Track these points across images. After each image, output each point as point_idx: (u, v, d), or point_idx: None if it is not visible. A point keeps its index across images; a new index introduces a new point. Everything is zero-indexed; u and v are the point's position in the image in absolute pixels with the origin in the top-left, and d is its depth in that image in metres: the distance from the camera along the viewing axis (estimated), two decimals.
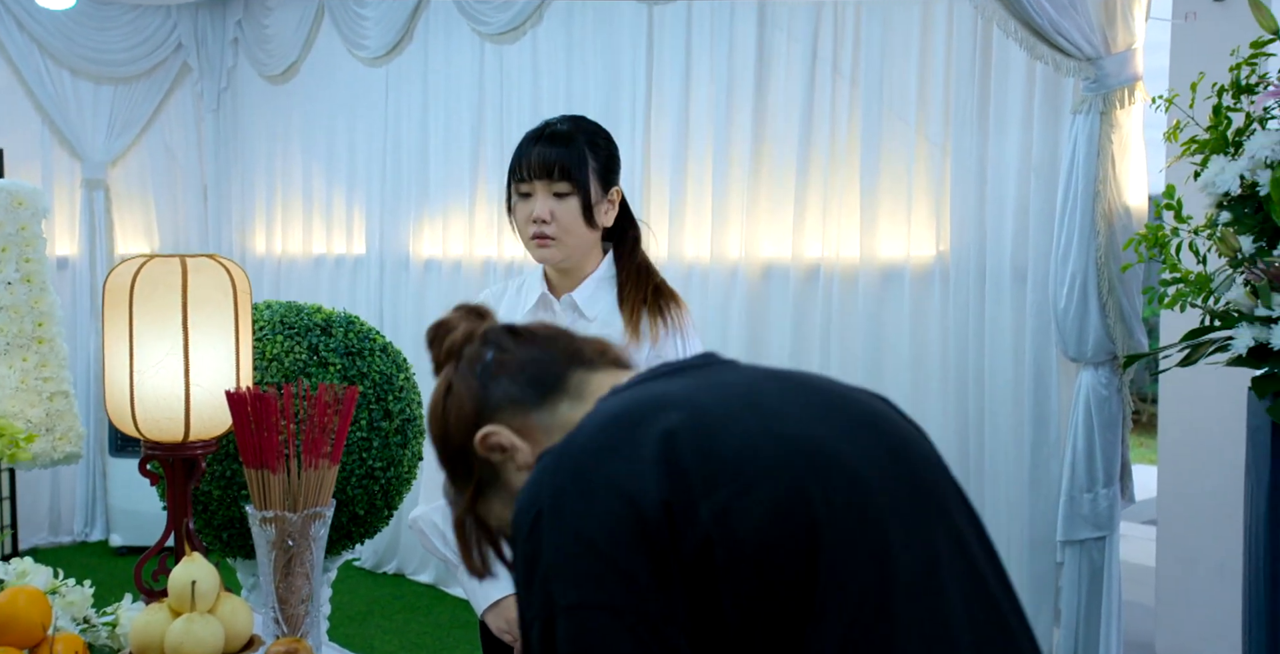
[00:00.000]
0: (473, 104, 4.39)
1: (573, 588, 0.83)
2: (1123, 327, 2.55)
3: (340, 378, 2.20)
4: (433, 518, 1.90)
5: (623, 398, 0.97)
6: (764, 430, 0.90)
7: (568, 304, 1.96)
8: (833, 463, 0.89)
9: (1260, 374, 1.77)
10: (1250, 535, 1.89)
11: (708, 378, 1.00)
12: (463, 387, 1.06)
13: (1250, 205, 1.85)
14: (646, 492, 0.85)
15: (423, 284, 4.62)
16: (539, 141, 1.91)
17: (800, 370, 1.05)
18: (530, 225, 1.90)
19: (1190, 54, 2.58)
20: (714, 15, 3.55)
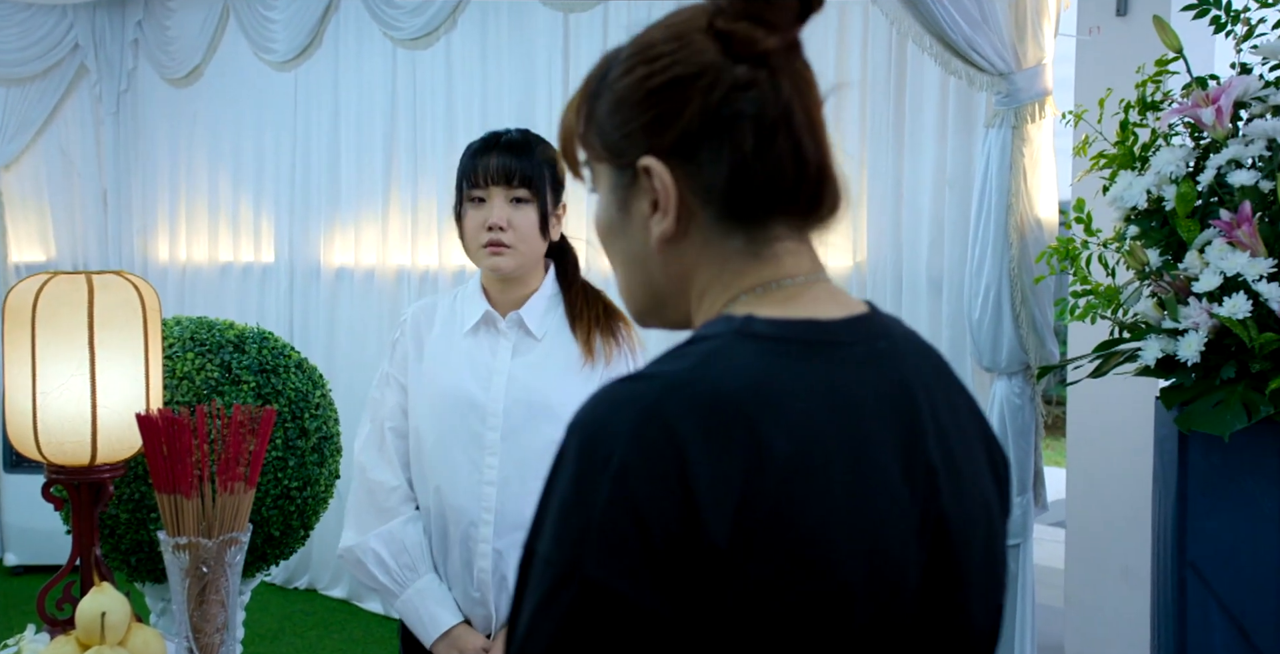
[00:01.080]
0: (385, 110, 4.34)
1: (606, 563, 0.76)
2: (1035, 337, 2.62)
3: (254, 396, 2.17)
4: (371, 546, 1.88)
5: (756, 371, 0.81)
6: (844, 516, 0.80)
7: (514, 322, 1.92)
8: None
9: (1168, 385, 1.83)
10: (1159, 541, 1.95)
11: (847, 380, 0.85)
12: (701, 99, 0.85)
13: (1157, 219, 1.91)
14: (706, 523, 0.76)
15: (334, 293, 4.56)
16: (495, 148, 1.89)
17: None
18: (484, 232, 1.86)
19: (1094, 68, 2.66)
20: (631, 24, 3.55)
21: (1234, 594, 1.72)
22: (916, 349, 0.92)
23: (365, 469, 1.94)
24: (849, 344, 0.87)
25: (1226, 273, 1.68)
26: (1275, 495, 1.69)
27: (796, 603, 0.78)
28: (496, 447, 1.88)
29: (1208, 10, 1.94)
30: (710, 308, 0.91)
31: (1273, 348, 1.63)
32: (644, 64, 0.87)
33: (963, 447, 0.90)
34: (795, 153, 0.86)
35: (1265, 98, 1.83)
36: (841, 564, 0.79)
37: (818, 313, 0.88)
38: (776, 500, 0.78)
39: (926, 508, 0.84)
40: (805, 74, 0.88)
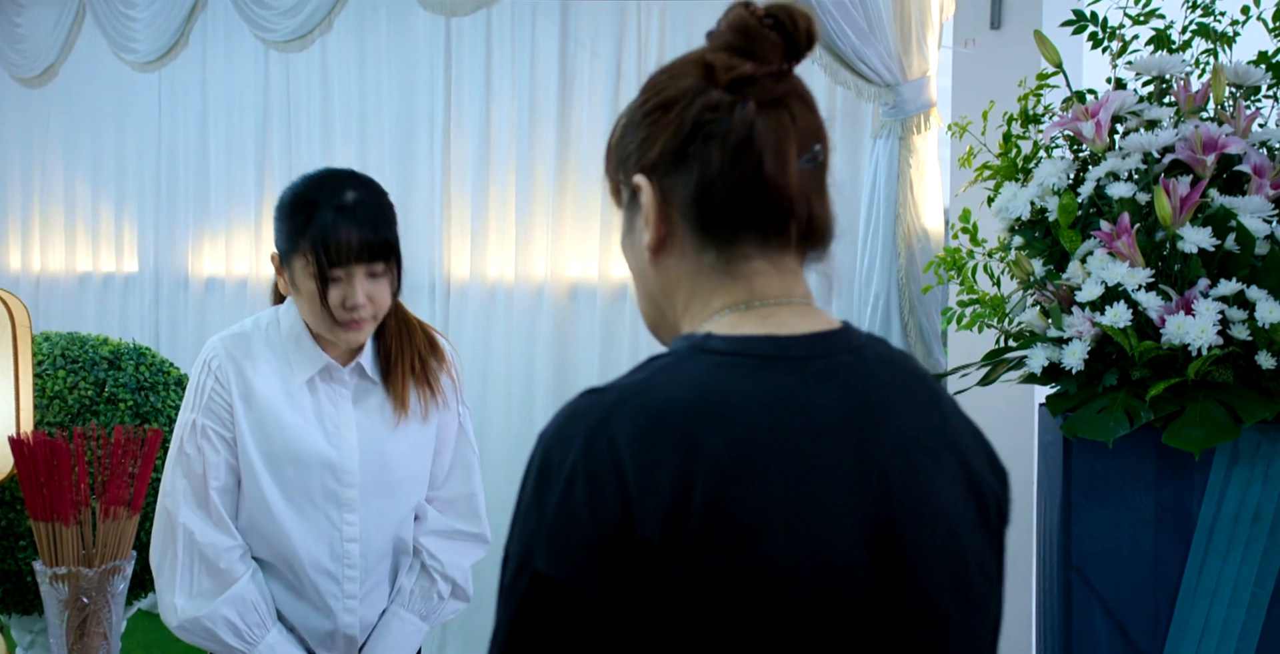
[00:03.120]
0: (257, 114, 4.26)
1: (553, 559, 0.87)
2: (923, 346, 2.70)
3: (132, 416, 2.11)
4: (223, 614, 1.79)
5: (707, 386, 0.90)
6: (791, 520, 0.87)
7: (355, 372, 1.88)
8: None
9: (1053, 392, 1.91)
10: (1044, 546, 2.03)
11: (800, 391, 0.92)
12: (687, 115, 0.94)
13: (1040, 230, 1.99)
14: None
15: (203, 304, 4.45)
16: (350, 219, 1.74)
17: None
18: (344, 312, 1.76)
19: (969, 80, 2.76)
20: (515, 30, 3.57)
21: (1116, 597, 1.80)
22: (887, 365, 0.99)
23: (192, 532, 1.79)
24: (805, 358, 0.94)
25: (1108, 282, 1.76)
26: (1152, 499, 1.78)
27: (736, 593, 0.85)
28: (355, 503, 1.85)
29: (1085, 27, 2.04)
30: (691, 324, 0.99)
31: (1152, 355, 1.71)
32: (645, 92, 0.99)
33: (927, 458, 0.96)
34: (756, 172, 0.93)
35: (1140, 112, 1.92)
36: (782, 559, 0.86)
37: (779, 330, 0.95)
38: (713, 501, 0.86)
39: (877, 511, 0.91)
40: (791, 103, 0.96)
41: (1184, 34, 1.99)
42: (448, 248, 3.74)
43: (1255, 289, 1.68)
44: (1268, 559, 1.70)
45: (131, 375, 2.18)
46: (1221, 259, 1.74)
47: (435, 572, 1.95)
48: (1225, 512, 1.73)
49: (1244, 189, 1.79)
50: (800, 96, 0.97)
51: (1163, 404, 1.71)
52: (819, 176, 0.98)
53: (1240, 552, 1.71)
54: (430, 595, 1.95)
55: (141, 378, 2.18)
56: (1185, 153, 1.81)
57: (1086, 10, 2.02)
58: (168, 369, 2.26)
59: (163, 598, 1.80)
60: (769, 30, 0.94)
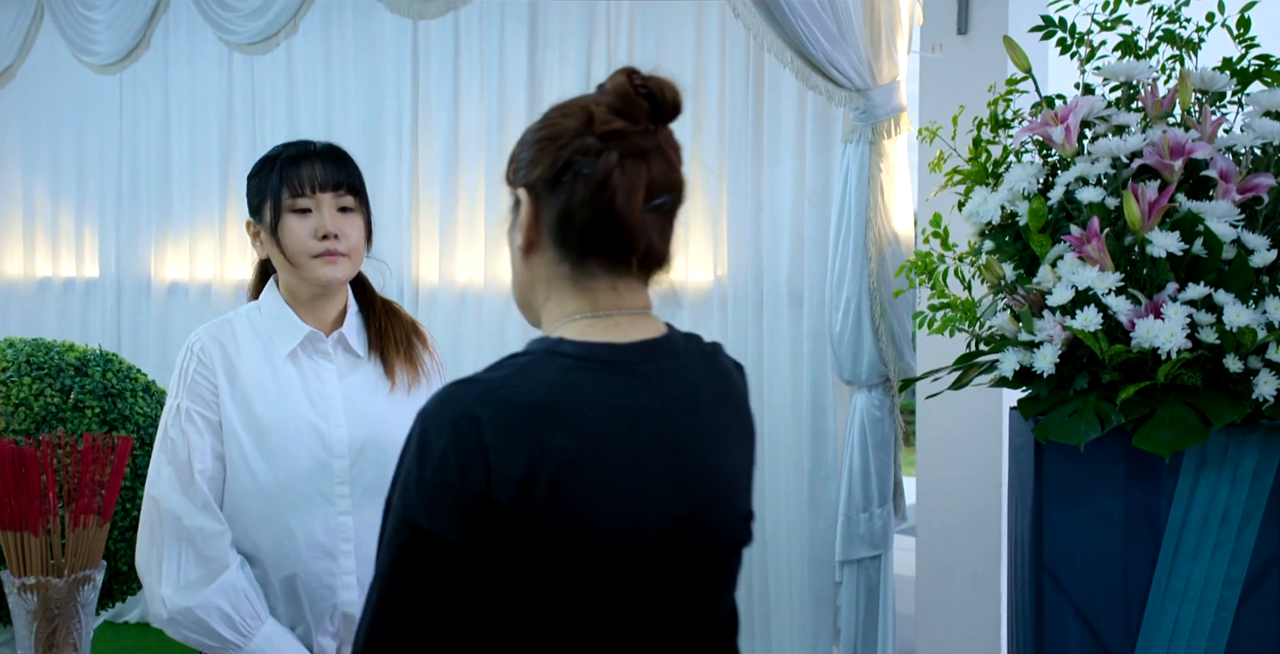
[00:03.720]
0: (221, 117, 4.24)
1: (431, 514, 1.13)
2: (894, 350, 2.73)
3: (99, 423, 2.10)
4: (215, 603, 1.77)
5: (554, 385, 1.16)
6: (622, 498, 1.16)
7: (336, 341, 1.91)
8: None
9: (1024, 396, 1.93)
10: (1015, 549, 2.06)
11: (629, 391, 1.19)
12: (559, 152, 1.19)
13: (1010, 234, 2.01)
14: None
15: (166, 310, 4.42)
16: (314, 156, 1.87)
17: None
18: (315, 241, 1.83)
19: (936, 85, 2.79)
20: (483, 34, 3.57)
21: (1088, 599, 1.82)
22: (703, 366, 1.29)
23: (179, 517, 1.79)
24: (636, 363, 1.21)
25: (1078, 286, 1.79)
26: (1122, 501, 1.80)
27: (570, 550, 1.14)
28: (346, 474, 1.86)
29: (1054, 32, 2.06)
30: (549, 323, 1.24)
31: (1122, 359, 1.74)
32: (543, 119, 1.23)
33: (723, 443, 1.28)
34: (608, 209, 1.17)
35: (1108, 117, 1.95)
36: (606, 526, 1.15)
37: (618, 338, 1.21)
38: (555, 480, 1.12)
39: (686, 491, 1.21)
40: (651, 157, 1.18)
41: (1151, 40, 2.02)
42: (416, 252, 3.73)
43: (1223, 293, 1.71)
44: (1236, 561, 1.73)
45: (99, 382, 2.16)
46: (1189, 263, 1.76)
47: None
48: (1194, 514, 1.75)
49: (1210, 194, 1.82)
50: (663, 153, 1.19)
51: (1133, 407, 1.73)
52: (666, 219, 1.22)
53: (1209, 553, 1.74)
54: None
55: (109, 384, 2.17)
56: (1153, 158, 1.83)
57: (1055, 16, 2.05)
58: (135, 375, 2.25)
59: (150, 593, 1.79)
60: (641, 97, 1.17)
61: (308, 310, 1.91)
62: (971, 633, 2.84)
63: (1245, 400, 1.71)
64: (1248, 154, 1.87)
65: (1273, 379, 1.69)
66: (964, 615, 2.85)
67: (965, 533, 2.83)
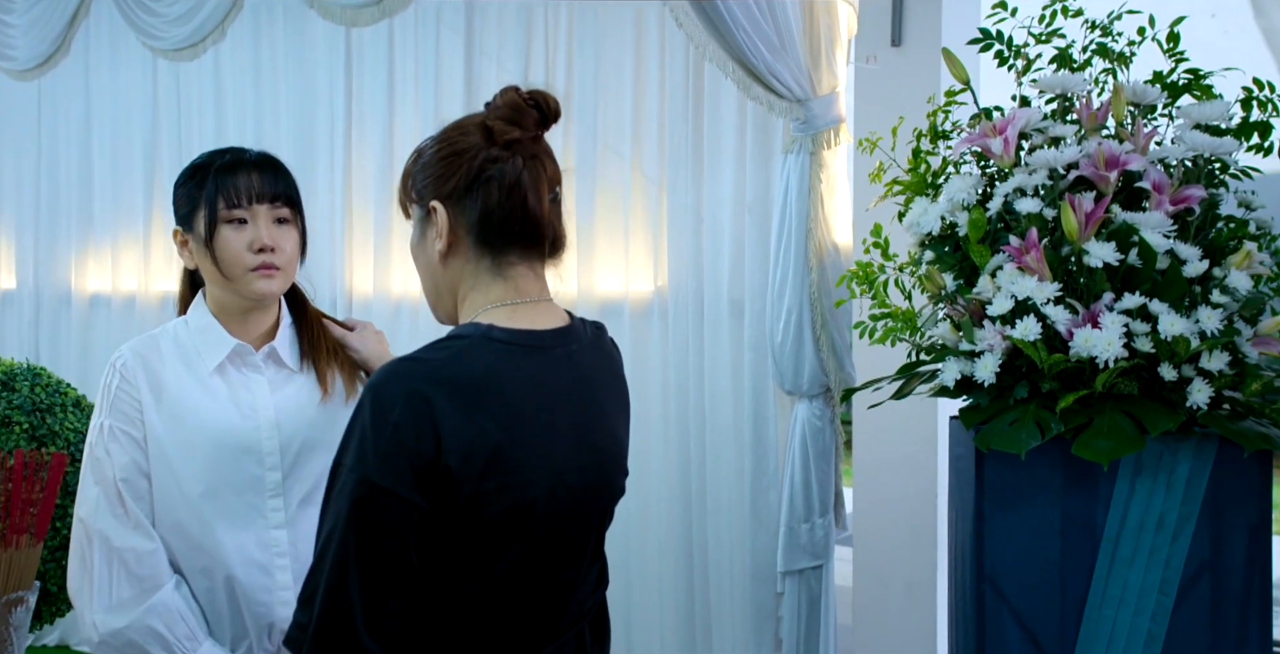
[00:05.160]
0: (145, 125, 4.18)
1: (385, 473, 1.35)
2: (835, 360, 2.77)
3: (27, 439, 2.06)
4: (148, 624, 1.75)
5: (478, 368, 1.40)
6: (538, 471, 1.44)
7: (267, 356, 1.90)
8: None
9: (966, 405, 1.97)
10: (956, 558, 2.09)
11: (547, 372, 1.46)
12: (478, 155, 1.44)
13: (950, 245, 2.05)
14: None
15: (88, 323, 4.35)
16: (249, 165, 1.85)
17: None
18: (251, 254, 1.81)
19: (871, 97, 2.83)
20: (418, 42, 3.56)
21: (1027, 606, 1.86)
22: (597, 352, 1.56)
23: (109, 538, 1.78)
24: (552, 348, 1.47)
25: (1017, 296, 1.83)
26: (1061, 509, 1.84)
27: (505, 506, 1.39)
28: (279, 487, 1.85)
29: (991, 45, 2.11)
30: (468, 313, 1.47)
31: (1061, 368, 1.78)
32: (439, 141, 1.49)
33: (612, 412, 1.57)
34: (523, 205, 1.44)
35: (1045, 129, 2.00)
36: (531, 485, 1.41)
37: (537, 325, 1.47)
38: (494, 449, 1.38)
39: (592, 456, 1.51)
40: (543, 157, 1.47)
41: (1085, 53, 2.07)
42: (349, 262, 3.71)
43: (1157, 302, 1.76)
44: (1170, 566, 1.78)
45: (26, 397, 2.13)
46: (1125, 273, 1.81)
47: None
48: (1130, 520, 1.80)
49: (1144, 205, 1.87)
50: (548, 153, 1.49)
51: (1072, 416, 1.77)
52: (558, 208, 1.50)
53: (1145, 559, 1.79)
54: None
55: (37, 399, 2.14)
56: (1089, 169, 1.88)
57: (992, 29, 2.10)
58: (64, 390, 2.22)
59: (81, 616, 1.77)
60: (530, 108, 1.45)
61: (238, 323, 1.89)
62: (909, 642, 2.88)
63: (1180, 408, 1.76)
64: (1179, 166, 1.93)
65: (1205, 387, 1.75)
66: (901, 625, 2.89)
67: (902, 543, 2.87)
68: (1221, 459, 1.78)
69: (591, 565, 1.58)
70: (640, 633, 3.17)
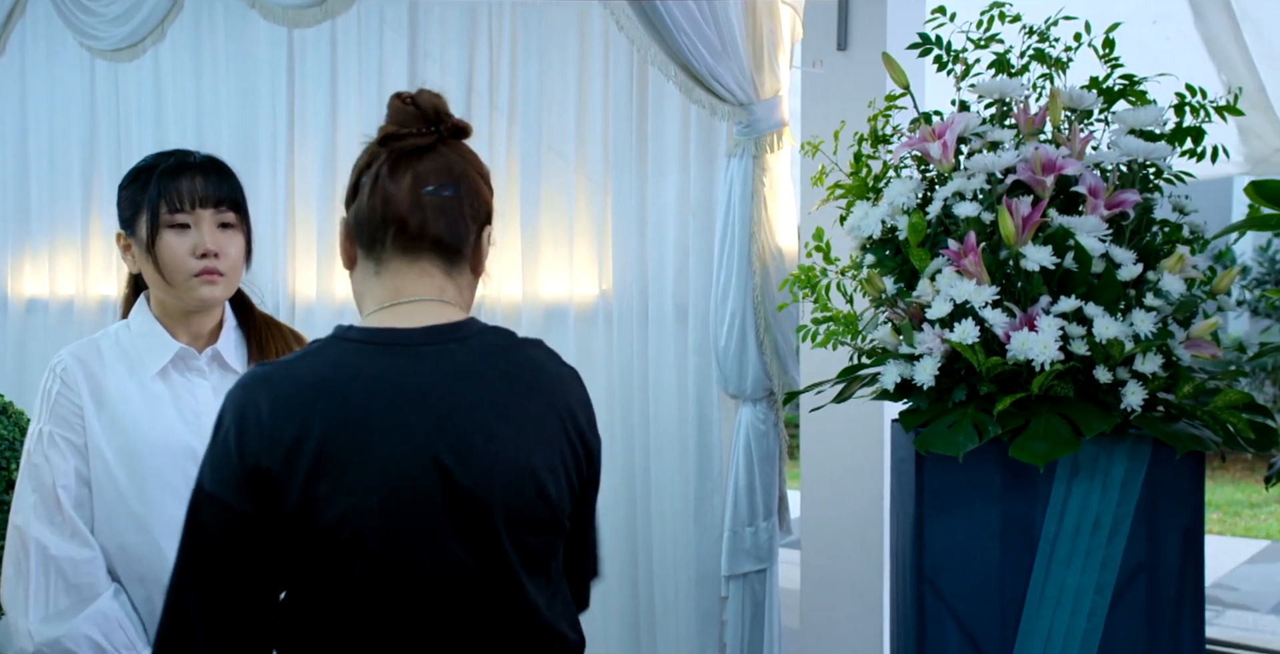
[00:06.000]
0: (84, 127, 4.12)
1: (216, 482, 1.35)
2: (779, 363, 2.77)
3: None
4: (84, 632, 1.72)
5: (327, 367, 1.36)
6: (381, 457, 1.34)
7: (211, 358, 1.89)
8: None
9: (905, 408, 1.98)
10: (898, 561, 2.10)
11: (405, 369, 1.37)
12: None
13: (891, 248, 2.07)
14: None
15: (24, 327, 4.28)
16: (194, 169, 1.83)
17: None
18: (194, 259, 1.80)
19: (817, 100, 2.85)
20: (361, 43, 3.53)
21: (967, 608, 1.88)
22: (494, 353, 1.44)
23: (46, 546, 1.76)
24: (417, 345, 1.38)
25: (956, 300, 1.84)
26: (998, 511, 1.86)
27: (339, 512, 1.31)
28: None
29: (930, 50, 2.13)
30: (364, 318, 1.43)
31: (998, 371, 1.79)
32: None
33: (510, 424, 1.39)
34: (385, 202, 1.40)
35: (983, 133, 2.02)
36: (369, 492, 1.31)
37: (404, 324, 1.40)
38: (320, 449, 1.31)
39: (455, 462, 1.35)
40: (428, 153, 1.42)
41: (1022, 59, 2.09)
42: (292, 266, 3.68)
43: (1092, 306, 1.78)
44: (1106, 567, 1.79)
45: None
46: (1061, 277, 1.83)
47: None
48: (1067, 522, 1.82)
49: (1080, 209, 1.89)
50: (443, 151, 1.43)
51: (1009, 418, 1.79)
52: (449, 204, 1.42)
53: (1081, 560, 1.80)
54: None
55: None
56: (1026, 173, 1.90)
57: (932, 34, 2.11)
58: None
59: (16, 626, 1.73)
60: (409, 106, 1.42)
61: (181, 327, 1.87)
62: (856, 645, 2.89)
63: (1114, 411, 1.77)
64: (1114, 171, 1.95)
65: (1140, 390, 1.76)
66: (848, 627, 2.90)
67: (849, 545, 2.88)
68: (1156, 461, 1.80)
69: (498, 591, 1.40)
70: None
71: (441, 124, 1.44)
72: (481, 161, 1.52)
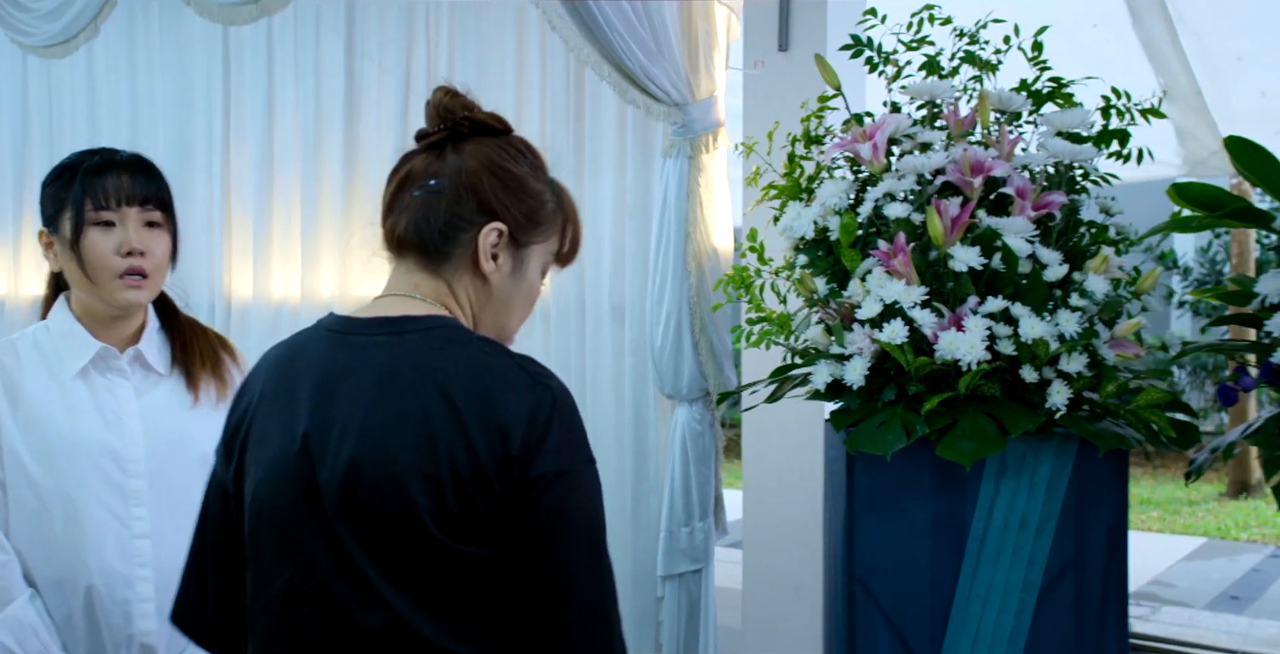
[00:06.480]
0: (15, 124, 4.05)
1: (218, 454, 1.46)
2: (714, 364, 2.77)
3: None
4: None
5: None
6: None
7: (132, 359, 1.85)
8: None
9: (836, 408, 1.99)
10: (829, 559, 2.11)
11: (327, 355, 1.38)
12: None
13: (823, 249, 2.07)
14: None
15: None
16: (119, 167, 1.80)
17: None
18: (118, 258, 1.77)
19: (760, 101, 2.86)
20: (298, 41, 3.50)
21: (896, 607, 1.88)
22: (420, 349, 1.33)
23: None
24: (353, 334, 1.37)
25: (885, 300, 1.85)
26: (929, 510, 1.86)
27: (250, 480, 1.37)
28: (143, 495, 1.80)
29: (861, 51, 2.13)
30: None
31: (927, 371, 1.80)
32: None
33: (392, 419, 1.30)
34: (385, 215, 1.44)
35: (914, 135, 2.03)
36: (258, 473, 1.36)
37: (363, 314, 1.39)
38: (251, 420, 1.40)
39: (315, 446, 1.33)
40: (422, 152, 1.42)
41: (953, 61, 2.10)
42: (228, 265, 3.63)
43: (1019, 306, 1.79)
44: (1033, 565, 1.81)
45: None
46: (989, 277, 1.84)
47: None
48: (995, 520, 1.83)
49: (1008, 210, 1.91)
50: (468, 143, 1.43)
51: (937, 418, 1.79)
52: (430, 203, 1.39)
53: (1009, 558, 1.82)
54: None
55: None
56: (955, 175, 1.91)
57: (864, 35, 2.12)
58: None
59: None
60: (428, 107, 1.43)
61: (102, 326, 1.84)
62: (797, 644, 2.89)
63: (1040, 410, 1.79)
64: (1042, 172, 1.97)
65: (1064, 389, 1.78)
66: (789, 627, 2.91)
67: (789, 545, 2.89)
68: (1081, 459, 1.82)
69: (357, 596, 1.30)
70: None
71: (449, 121, 1.42)
72: (507, 156, 1.47)
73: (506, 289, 1.49)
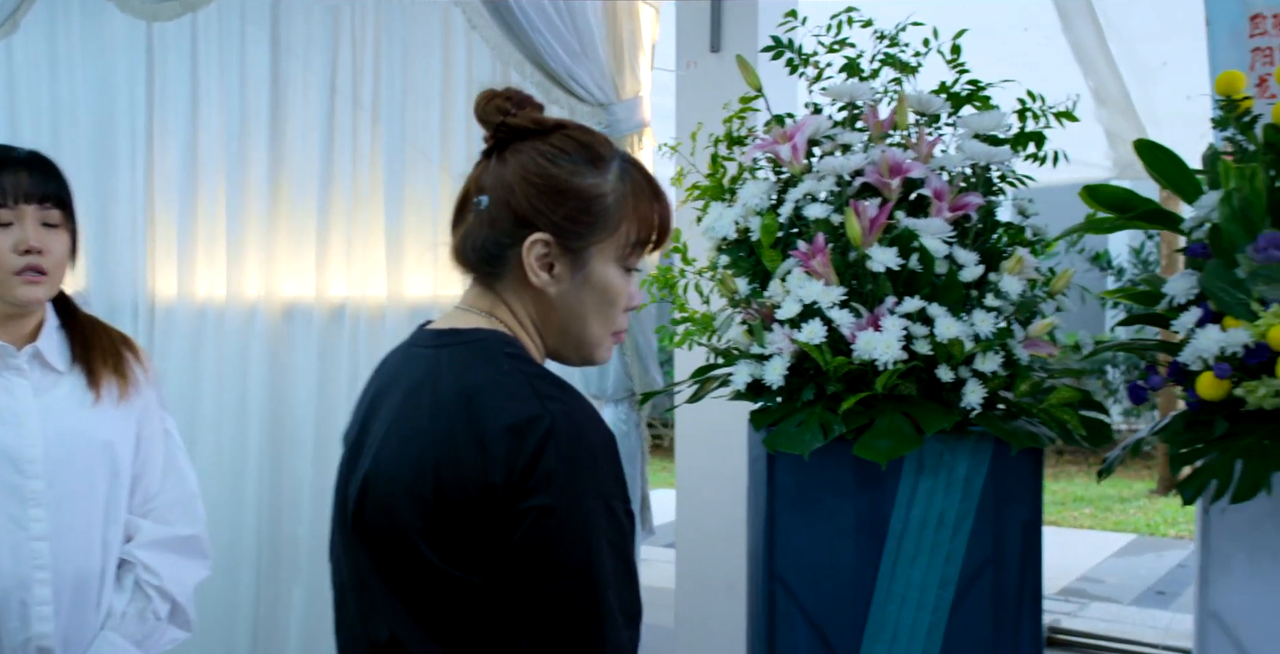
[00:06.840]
0: None
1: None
2: (640, 364, 2.77)
3: None
4: None
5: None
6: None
7: (31, 356, 1.82)
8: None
9: (757, 408, 2.00)
10: (752, 558, 2.12)
11: (387, 365, 1.44)
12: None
13: (745, 249, 2.08)
14: None
15: None
16: (15, 166, 1.76)
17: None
18: (16, 256, 1.73)
19: (692, 101, 2.86)
20: (222, 38, 3.44)
21: (817, 605, 1.89)
22: (446, 362, 1.30)
23: None
24: (415, 345, 1.37)
25: (805, 300, 1.85)
26: (851, 509, 1.87)
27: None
28: (41, 496, 1.75)
29: (782, 53, 2.14)
30: None
31: (845, 370, 1.81)
32: None
33: (403, 435, 1.29)
34: (453, 231, 1.43)
35: (834, 136, 2.04)
36: (338, 466, 1.39)
37: (433, 325, 1.38)
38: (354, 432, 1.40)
39: (360, 459, 1.34)
40: (482, 163, 1.39)
41: (873, 63, 2.12)
42: (152, 265, 3.56)
43: (936, 306, 1.80)
44: (950, 562, 1.82)
45: None
46: (907, 278, 1.86)
47: (151, 588, 1.84)
48: (914, 518, 1.84)
49: (926, 211, 1.92)
50: (509, 151, 1.35)
51: (855, 417, 1.80)
52: (479, 218, 1.37)
53: (926, 556, 1.83)
54: (145, 616, 1.84)
55: None
56: (874, 176, 1.92)
57: (785, 37, 2.13)
58: None
59: None
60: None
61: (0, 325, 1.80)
62: (728, 643, 2.90)
63: (955, 409, 1.80)
64: (959, 174, 1.98)
65: (979, 388, 1.79)
66: (720, 626, 2.92)
67: (721, 544, 2.89)
68: (997, 458, 1.83)
69: (374, 603, 1.29)
70: None
71: (489, 127, 1.36)
72: (544, 158, 1.34)
73: (571, 298, 1.38)
